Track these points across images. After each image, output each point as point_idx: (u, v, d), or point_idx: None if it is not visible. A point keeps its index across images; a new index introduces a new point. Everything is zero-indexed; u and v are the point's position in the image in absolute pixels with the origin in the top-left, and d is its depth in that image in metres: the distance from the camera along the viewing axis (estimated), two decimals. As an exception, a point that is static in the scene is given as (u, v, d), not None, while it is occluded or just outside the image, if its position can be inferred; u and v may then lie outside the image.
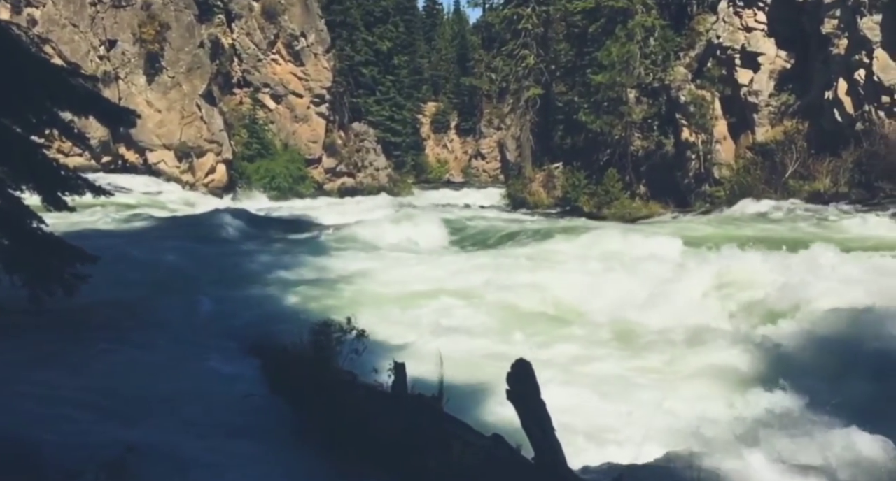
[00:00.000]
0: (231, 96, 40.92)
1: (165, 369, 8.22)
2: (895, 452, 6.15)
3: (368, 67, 50.52)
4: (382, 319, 10.40)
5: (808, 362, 8.76)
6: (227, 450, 6.01)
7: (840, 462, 6.06)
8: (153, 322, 10.26)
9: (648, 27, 30.21)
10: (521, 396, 5.04)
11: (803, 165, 25.66)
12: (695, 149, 29.22)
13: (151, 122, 35.67)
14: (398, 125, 53.49)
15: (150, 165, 36.27)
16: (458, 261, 15.75)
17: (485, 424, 6.70)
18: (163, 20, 35.96)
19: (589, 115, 31.09)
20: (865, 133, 24.40)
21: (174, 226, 21.41)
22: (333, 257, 15.99)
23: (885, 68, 24.19)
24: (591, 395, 7.95)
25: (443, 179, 63.11)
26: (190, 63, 36.42)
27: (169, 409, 6.90)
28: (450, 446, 5.58)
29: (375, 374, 6.61)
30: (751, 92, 28.25)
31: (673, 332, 10.28)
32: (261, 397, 7.31)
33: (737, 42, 28.71)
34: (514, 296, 12.12)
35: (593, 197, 30.09)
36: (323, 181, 42.75)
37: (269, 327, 9.45)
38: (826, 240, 14.53)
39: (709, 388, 8.20)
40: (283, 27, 40.77)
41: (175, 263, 14.61)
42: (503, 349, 9.17)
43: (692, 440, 6.30)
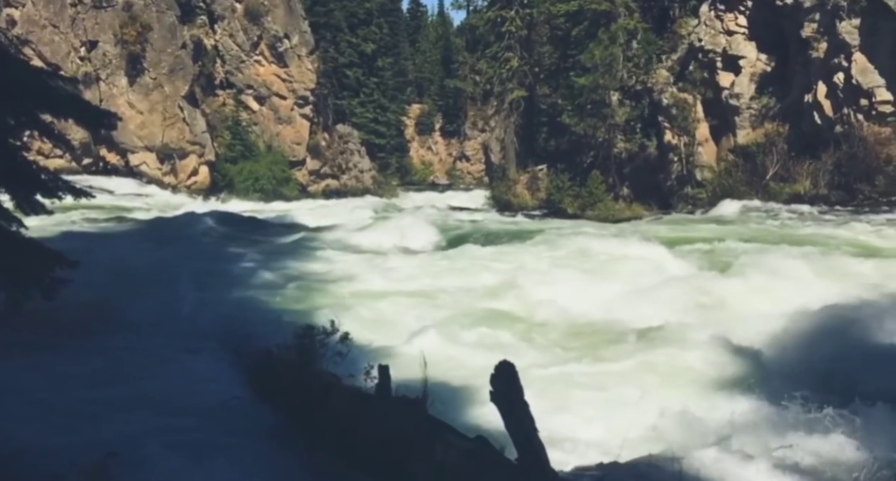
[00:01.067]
0: (214, 98, 40.67)
1: (146, 372, 8.16)
2: (868, 451, 6.24)
3: (352, 69, 50.41)
4: (367, 321, 10.40)
5: (785, 363, 8.86)
6: (210, 454, 5.97)
7: (816, 461, 6.14)
8: (133, 325, 10.18)
9: (631, 30, 30.42)
10: (504, 397, 5.05)
11: (784, 167, 25.94)
12: (677, 151, 29.45)
13: (133, 124, 35.38)
14: (382, 127, 53.41)
15: (131, 167, 35.98)
16: (442, 262, 15.75)
17: (469, 426, 6.72)
18: (144, 21, 35.71)
19: (572, 118, 31.25)
20: (844, 135, 24.72)
21: (156, 228, 21.23)
22: (317, 259, 15.95)
23: (863, 72, 24.53)
24: (568, 397, 7.99)
25: (427, 181, 63.10)
26: (172, 64, 36.18)
27: (150, 413, 6.85)
28: (434, 448, 5.58)
29: (359, 377, 6.60)
30: (732, 95, 28.53)
31: (648, 332, 10.35)
32: (243, 400, 7.27)
33: (718, 45, 28.99)
34: (500, 298, 12.15)
35: (577, 199, 30.23)
36: (307, 183, 42.59)
37: (252, 329, 9.38)
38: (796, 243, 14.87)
39: (686, 389, 8.27)
40: (267, 28, 40.60)
41: (156, 266, 14.50)
42: (488, 351, 9.18)
43: (671, 440, 6.35)
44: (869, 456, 6.23)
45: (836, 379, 8.01)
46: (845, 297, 10.17)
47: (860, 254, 14.23)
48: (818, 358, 8.80)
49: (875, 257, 13.97)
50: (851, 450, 6.34)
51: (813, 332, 9.45)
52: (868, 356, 8.64)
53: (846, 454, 6.37)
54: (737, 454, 6.17)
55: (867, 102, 24.56)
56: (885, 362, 8.43)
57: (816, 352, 8.94)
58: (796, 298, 10.53)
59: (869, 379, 7.97)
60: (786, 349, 9.21)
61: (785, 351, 9.19)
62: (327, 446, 6.25)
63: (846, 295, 10.29)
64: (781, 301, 10.64)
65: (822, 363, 8.57)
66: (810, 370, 8.50)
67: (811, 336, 9.38)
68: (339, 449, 6.13)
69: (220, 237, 19.37)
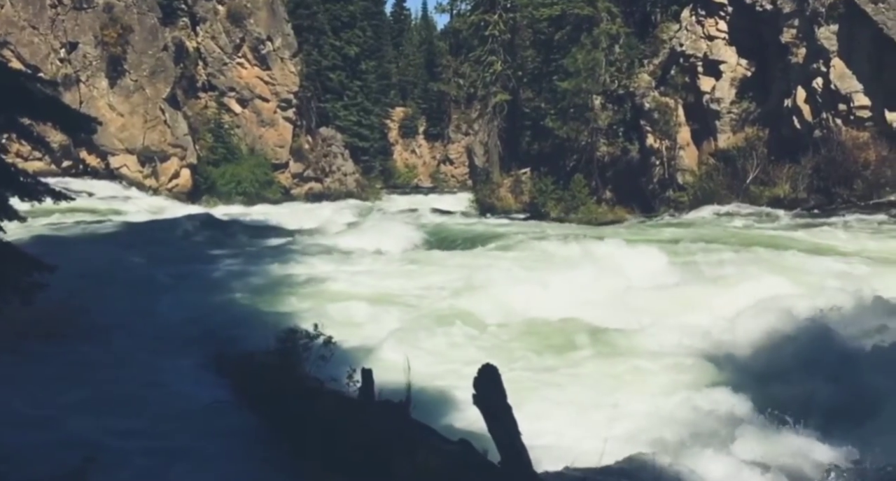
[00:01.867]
0: (196, 100, 40.40)
1: (126, 376, 8.08)
2: (846, 451, 6.32)
3: (336, 72, 50.31)
4: (350, 325, 10.36)
5: (763, 362, 8.95)
6: (191, 459, 5.93)
7: (789, 460, 6.21)
8: (113, 329, 10.07)
9: (613, 35, 30.64)
10: (487, 401, 5.06)
11: (764, 171, 26.21)
12: (659, 155, 29.67)
13: (114, 126, 35.06)
14: (366, 130, 53.33)
15: (112, 170, 35.64)
16: (423, 265, 15.74)
17: (452, 429, 6.72)
18: (125, 23, 35.41)
19: (556, 121, 31.39)
20: (823, 140, 25.02)
21: (136, 231, 21.06)
22: (299, 262, 15.88)
23: (841, 77, 24.85)
24: (548, 398, 8.03)
25: (411, 184, 63.11)
26: (153, 66, 35.91)
27: (130, 417, 6.78)
28: (417, 452, 5.58)
29: (343, 381, 6.58)
30: (713, 99, 28.80)
31: (626, 334, 10.42)
32: (225, 404, 7.23)
33: (699, 50, 29.26)
34: (482, 301, 12.16)
35: (560, 202, 30.35)
36: (290, 186, 42.42)
37: (234, 333, 9.34)
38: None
39: (666, 389, 8.33)
40: (249, 31, 40.41)
41: (137, 270, 14.38)
42: (470, 355, 9.19)
43: (652, 441, 6.40)
44: (840, 456, 6.31)
45: (820, 379, 8.11)
46: (835, 299, 10.27)
47: (811, 253, 14.59)
48: (787, 357, 8.92)
49: (824, 255, 14.35)
50: (823, 449, 6.42)
51: (799, 332, 9.56)
52: (833, 356, 8.75)
53: (818, 453, 6.45)
54: (713, 454, 6.23)
55: (845, 107, 24.88)
56: (842, 360, 8.54)
57: (803, 351, 9.05)
58: (753, 296, 10.67)
59: (839, 379, 8.08)
60: (756, 349, 9.31)
61: (756, 350, 9.29)
62: (311, 450, 6.23)
63: (835, 297, 10.39)
64: (738, 299, 10.77)
65: (808, 363, 8.67)
66: (782, 370, 8.61)
67: (797, 336, 9.49)
68: (322, 454, 6.11)
69: (201, 240, 19.25)
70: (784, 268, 12.95)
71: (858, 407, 7.36)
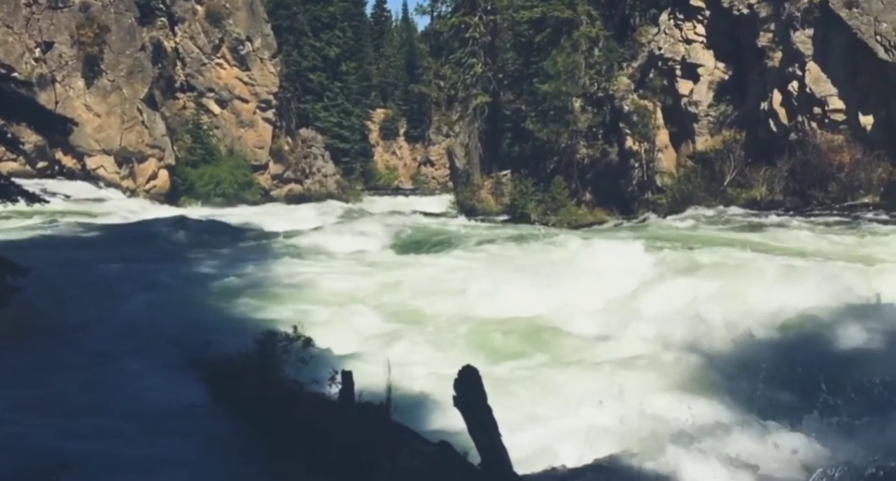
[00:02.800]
0: (174, 101, 40.05)
1: (102, 380, 7.97)
2: (822, 449, 6.40)
3: (316, 73, 50.15)
4: (330, 327, 10.31)
5: (741, 363, 9.05)
6: (168, 464, 5.86)
7: (774, 462, 6.27)
8: (85, 332, 9.93)
9: (593, 38, 30.83)
10: (467, 403, 5.06)
11: (741, 173, 26.49)
12: (638, 157, 29.90)
13: (90, 127, 34.64)
14: (346, 131, 53.21)
15: (88, 171, 35.19)
16: (401, 267, 15.72)
17: (433, 431, 6.72)
18: (102, 22, 35.02)
19: (536, 124, 31.51)
20: (799, 143, 25.36)
21: (113, 233, 20.81)
22: (278, 264, 15.79)
23: (816, 80, 25.21)
24: (529, 398, 8.06)
25: (392, 186, 63.04)
26: (131, 66, 35.54)
27: (106, 421, 6.69)
28: (398, 454, 5.57)
29: (323, 383, 6.55)
30: (691, 102, 29.08)
31: (604, 335, 10.49)
32: (203, 408, 7.16)
33: (677, 53, 29.53)
34: (463, 302, 12.17)
35: (541, 204, 30.46)
36: (270, 187, 42.18)
37: (212, 336, 9.25)
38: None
39: (645, 389, 8.39)
40: (228, 31, 40.14)
41: (112, 272, 14.19)
42: (450, 357, 9.19)
43: (633, 441, 6.44)
44: (826, 458, 6.38)
45: (797, 380, 8.21)
46: (813, 301, 10.40)
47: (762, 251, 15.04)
48: (779, 358, 9.01)
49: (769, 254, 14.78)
50: (808, 452, 6.49)
51: (777, 334, 9.67)
52: (821, 357, 8.87)
53: (803, 455, 6.51)
54: (695, 454, 6.27)
55: (820, 110, 25.24)
56: (837, 363, 8.66)
57: (780, 351, 9.15)
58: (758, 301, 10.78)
59: (819, 378, 8.18)
60: (742, 348, 9.41)
61: (742, 350, 9.39)
62: (291, 453, 6.19)
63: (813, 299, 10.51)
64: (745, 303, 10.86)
65: (785, 364, 8.77)
66: (771, 370, 8.69)
67: (776, 337, 9.60)
68: (302, 457, 6.07)
69: (179, 242, 19.05)
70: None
71: (842, 405, 7.46)
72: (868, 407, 7.45)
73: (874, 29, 23.79)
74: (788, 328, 9.70)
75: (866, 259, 14.14)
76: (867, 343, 9.15)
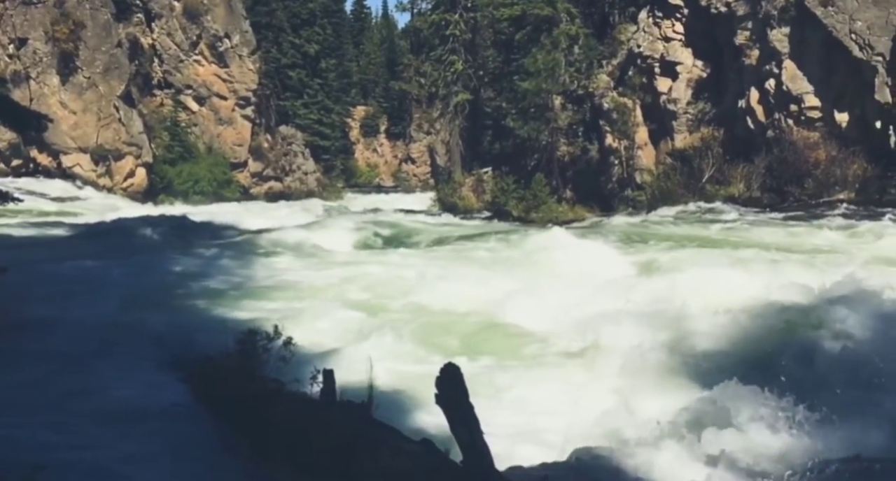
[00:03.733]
0: (151, 98, 39.63)
1: (80, 381, 7.86)
2: (798, 443, 6.47)
3: (295, 70, 49.81)
4: (310, 325, 10.26)
5: (718, 357, 9.13)
6: (147, 465, 5.80)
7: (753, 456, 6.34)
8: (66, 333, 9.78)
9: (572, 36, 30.91)
10: (449, 400, 5.06)
11: (719, 170, 26.76)
12: (617, 154, 30.07)
13: (66, 124, 34.17)
14: (327, 129, 52.92)
15: (64, 169, 34.72)
16: (385, 265, 15.69)
17: (415, 429, 6.71)
18: (77, 18, 34.55)
19: (517, 121, 31.58)
20: (776, 140, 25.66)
21: (89, 233, 20.55)
22: (258, 263, 15.69)
23: (793, 78, 25.52)
24: (508, 396, 8.07)
25: (373, 184, 62.86)
26: (107, 63, 35.09)
27: (84, 423, 6.60)
28: (380, 452, 5.56)
29: (304, 382, 6.51)
30: (669, 100, 29.29)
31: (579, 332, 10.54)
32: (184, 408, 7.09)
33: (656, 51, 29.73)
34: (445, 300, 12.17)
35: (522, 201, 30.53)
36: (249, 185, 41.90)
37: (192, 336, 9.16)
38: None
39: (622, 386, 8.45)
40: (206, 28, 39.77)
41: (89, 272, 14.00)
42: (431, 355, 9.19)
43: (612, 438, 6.48)
44: (806, 453, 6.45)
45: (773, 373, 8.29)
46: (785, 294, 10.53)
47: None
48: (755, 351, 9.11)
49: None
50: (788, 447, 6.55)
51: (752, 327, 9.76)
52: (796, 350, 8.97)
53: (783, 450, 6.58)
54: (675, 448, 6.33)
55: (797, 108, 25.56)
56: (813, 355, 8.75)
57: (756, 344, 9.25)
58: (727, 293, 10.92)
59: (796, 371, 8.28)
60: (728, 344, 9.48)
61: (727, 345, 9.46)
62: (272, 453, 6.15)
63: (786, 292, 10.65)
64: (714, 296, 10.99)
65: (761, 357, 8.87)
66: (746, 364, 8.78)
67: (750, 330, 9.69)
68: (284, 456, 6.04)
69: (156, 240, 18.86)
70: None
71: (821, 400, 7.55)
72: (842, 402, 7.56)
73: (849, 27, 24.12)
74: (751, 321, 9.78)
75: (814, 251, 14.75)
76: (839, 336, 9.24)
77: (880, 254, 14.52)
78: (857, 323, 9.12)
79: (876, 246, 15.97)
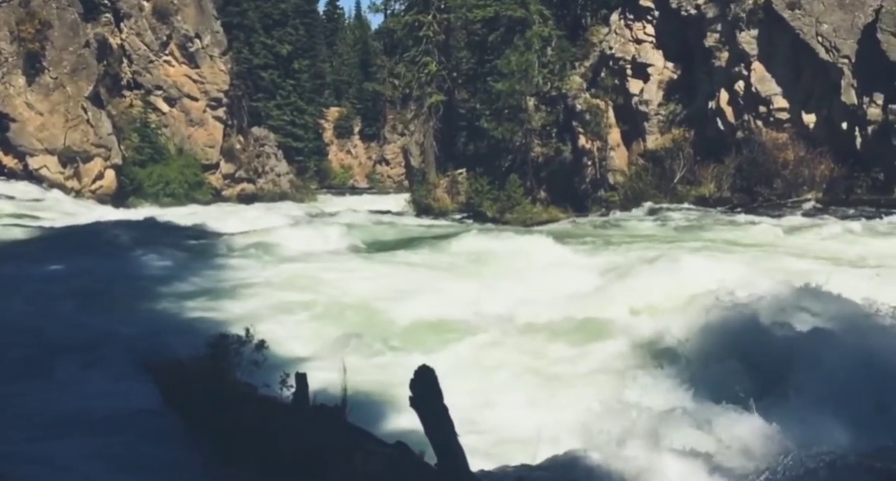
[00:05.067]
0: (120, 99, 39.00)
1: (43, 387, 7.67)
2: (779, 437, 6.53)
3: (268, 71, 49.46)
4: (283, 329, 10.15)
5: (695, 353, 9.19)
6: (114, 471, 5.67)
7: (731, 453, 6.38)
8: (29, 338, 9.54)
9: (545, 37, 31.09)
10: (423, 402, 5.02)
11: (690, 171, 27.06)
12: (591, 155, 30.27)
13: (32, 126, 33.51)
14: (300, 130, 52.59)
15: (30, 171, 34.03)
16: (359, 267, 15.59)
17: (390, 432, 6.65)
18: (43, 18, 33.88)
19: (490, 122, 31.66)
20: (745, 141, 26.04)
21: (56, 235, 20.14)
22: (230, 266, 15.49)
23: (761, 80, 25.91)
24: (485, 395, 8.06)
25: (347, 185, 62.61)
26: (74, 63, 34.45)
27: (46, 430, 6.43)
28: (354, 456, 5.50)
29: (276, 386, 6.43)
30: (641, 101, 29.56)
31: (556, 328, 10.57)
32: (153, 414, 6.96)
33: (628, 53, 29.99)
34: (422, 302, 12.12)
35: (496, 202, 30.61)
36: (221, 187, 41.42)
37: (161, 340, 9.00)
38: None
39: (598, 383, 8.47)
40: (177, 28, 39.27)
41: (55, 276, 13.71)
42: (406, 357, 9.13)
43: (588, 436, 6.48)
44: (777, 448, 6.50)
45: (753, 369, 8.37)
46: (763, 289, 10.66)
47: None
48: (734, 347, 9.18)
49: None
50: (760, 440, 6.60)
51: (730, 322, 9.84)
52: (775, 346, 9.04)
53: (755, 445, 6.62)
54: (646, 447, 6.34)
55: (765, 109, 25.95)
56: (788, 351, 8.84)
57: (734, 340, 9.32)
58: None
59: (769, 366, 8.37)
60: (706, 339, 9.54)
61: (704, 341, 9.52)
62: (243, 458, 6.05)
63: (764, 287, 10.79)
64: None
65: (739, 352, 8.93)
66: (727, 359, 8.84)
67: (728, 326, 9.76)
68: (256, 461, 5.95)
69: (125, 243, 18.51)
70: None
71: (792, 395, 7.62)
72: (814, 397, 7.64)
73: (816, 29, 24.56)
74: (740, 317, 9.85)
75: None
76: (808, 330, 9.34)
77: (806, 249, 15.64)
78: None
79: (804, 241, 17.13)
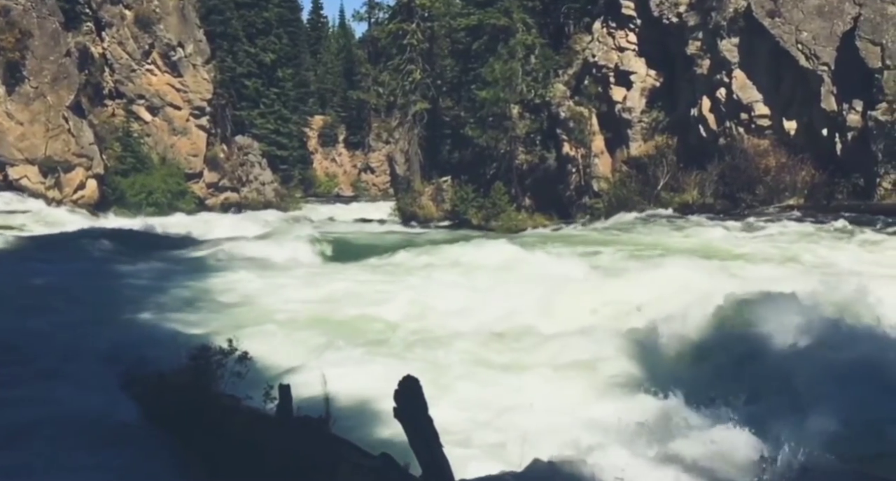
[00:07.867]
0: (102, 108, 38.69)
1: (25, 399, 7.55)
2: (761, 444, 6.54)
3: (251, 79, 49.20)
4: (266, 341, 10.05)
5: (681, 361, 9.22)
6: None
7: (713, 458, 6.38)
8: (10, 349, 9.40)
9: (529, 45, 31.25)
10: (408, 414, 4.99)
11: (673, 178, 27.22)
12: (575, 162, 30.41)
13: (12, 136, 33.16)
14: (284, 138, 52.35)
15: (10, 181, 33.63)
16: (342, 277, 15.49)
17: (374, 443, 6.60)
18: (24, 27, 33.57)
19: (475, 130, 31.75)
20: (727, 147, 26.24)
21: (37, 246, 19.92)
22: (213, 276, 15.35)
23: (743, 87, 26.15)
24: (468, 402, 8.03)
25: (332, 193, 62.43)
26: (55, 73, 34.16)
27: (29, 444, 6.33)
28: (338, 468, 5.45)
29: (259, 398, 6.37)
30: (624, 108, 29.74)
31: (540, 335, 10.57)
32: (135, 427, 6.87)
33: (611, 61, 30.18)
34: (404, 312, 12.08)
35: (481, 210, 30.67)
36: (205, 196, 41.16)
37: (143, 352, 8.89)
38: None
39: (582, 389, 8.47)
40: (159, 37, 39.06)
41: (36, 287, 13.53)
42: (389, 367, 9.07)
43: (570, 443, 6.46)
44: (755, 450, 6.52)
45: (738, 377, 8.40)
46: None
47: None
48: (719, 354, 9.21)
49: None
50: (748, 448, 6.61)
51: (715, 329, 9.88)
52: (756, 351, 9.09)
53: (736, 449, 6.63)
54: (636, 453, 6.34)
55: (747, 116, 26.18)
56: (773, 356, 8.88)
57: (719, 347, 9.35)
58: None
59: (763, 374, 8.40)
60: (691, 346, 9.56)
61: (689, 348, 9.55)
62: (227, 471, 5.99)
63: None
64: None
65: (726, 359, 8.97)
66: (712, 366, 8.87)
67: (714, 332, 9.80)
68: (239, 474, 5.89)
69: (106, 254, 18.33)
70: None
71: (781, 401, 7.65)
72: (793, 401, 7.69)
73: (795, 37, 24.84)
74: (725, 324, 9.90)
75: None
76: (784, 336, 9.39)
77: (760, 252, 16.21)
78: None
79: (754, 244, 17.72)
